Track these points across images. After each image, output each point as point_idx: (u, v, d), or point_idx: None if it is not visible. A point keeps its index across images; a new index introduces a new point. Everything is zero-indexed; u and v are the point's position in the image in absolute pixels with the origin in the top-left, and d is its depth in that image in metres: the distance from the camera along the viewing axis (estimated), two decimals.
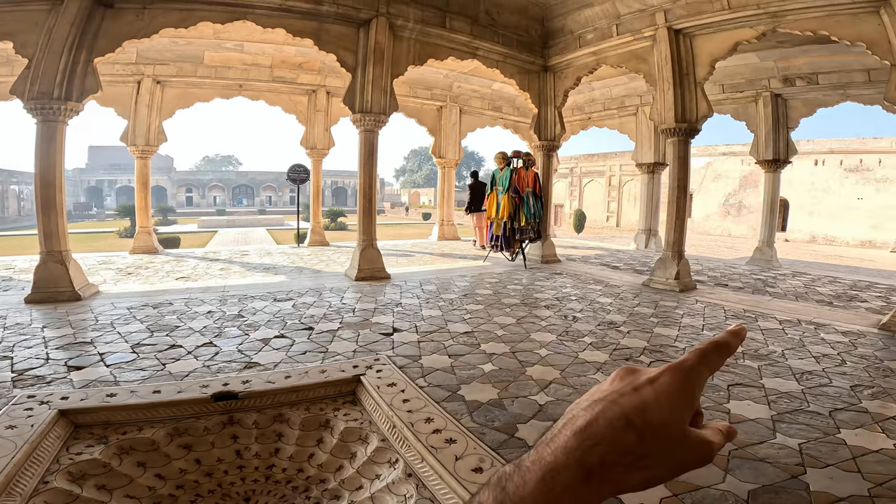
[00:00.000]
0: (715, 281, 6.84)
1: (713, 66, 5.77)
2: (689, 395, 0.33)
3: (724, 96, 8.84)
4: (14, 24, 4.72)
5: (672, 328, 4.23)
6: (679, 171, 6.05)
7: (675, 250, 6.06)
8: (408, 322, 4.18)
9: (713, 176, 24.68)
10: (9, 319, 4.05)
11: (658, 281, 6.09)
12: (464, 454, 2.01)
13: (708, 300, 5.44)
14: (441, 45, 6.48)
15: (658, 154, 10.52)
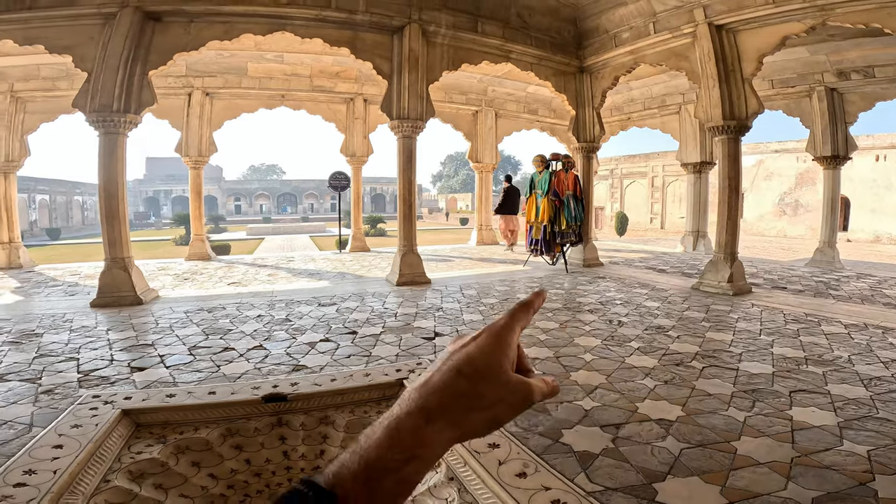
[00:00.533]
0: (772, 284, 6.49)
1: (761, 61, 5.53)
2: (505, 345, 0.39)
3: (773, 92, 8.43)
4: (71, 39, 5.03)
5: (726, 333, 4.04)
6: (729, 169, 5.79)
7: (728, 252, 5.79)
8: (449, 326, 4.19)
9: (765, 174, 23.44)
10: (75, 322, 4.35)
11: (709, 284, 5.83)
12: (507, 459, 1.99)
13: (765, 304, 5.16)
14: (474, 50, 6.50)
15: (704, 153, 10.11)
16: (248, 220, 43.53)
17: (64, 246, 23.67)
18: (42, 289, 6.27)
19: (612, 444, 2.15)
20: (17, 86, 7.95)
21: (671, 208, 25.66)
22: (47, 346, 3.59)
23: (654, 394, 2.74)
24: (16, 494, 1.67)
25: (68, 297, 5.68)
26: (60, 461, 1.90)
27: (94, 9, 4.98)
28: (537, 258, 8.01)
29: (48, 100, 8.23)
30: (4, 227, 8.45)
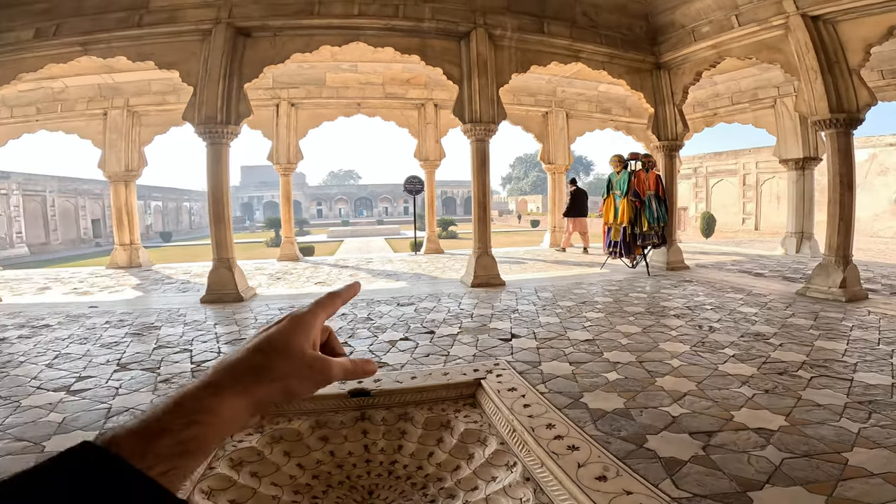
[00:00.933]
0: (891, 290, 5.74)
1: (868, 51, 5.00)
2: (305, 326, 0.44)
3: (884, 83, 7.63)
4: (176, 55, 5.59)
5: (839, 342, 3.64)
6: (840, 165, 5.21)
7: (840, 254, 5.21)
8: (525, 328, 4.16)
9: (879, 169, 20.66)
10: (188, 317, 4.86)
11: (818, 289, 5.28)
12: (587, 462, 1.95)
13: (883, 311, 4.58)
14: (542, 51, 6.45)
15: (808, 148, 9.17)
16: (328, 224, 45.99)
17: (174, 247, 26.51)
18: (159, 286, 7.09)
19: (702, 452, 2.05)
20: (133, 101, 9.00)
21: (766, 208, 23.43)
22: (164, 338, 4.05)
23: (752, 402, 2.55)
24: None
25: (181, 293, 6.37)
26: None
27: (192, 25, 5.50)
28: (616, 261, 7.70)
29: (160, 113, 9.25)
30: (126, 230, 9.66)
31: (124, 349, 3.75)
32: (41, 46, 5.51)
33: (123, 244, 9.64)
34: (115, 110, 9.01)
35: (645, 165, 7.03)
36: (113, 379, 3.05)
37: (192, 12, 5.48)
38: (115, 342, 3.96)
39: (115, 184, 9.41)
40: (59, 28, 5.46)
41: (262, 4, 5.56)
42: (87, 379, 3.06)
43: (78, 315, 5.07)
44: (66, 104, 8.98)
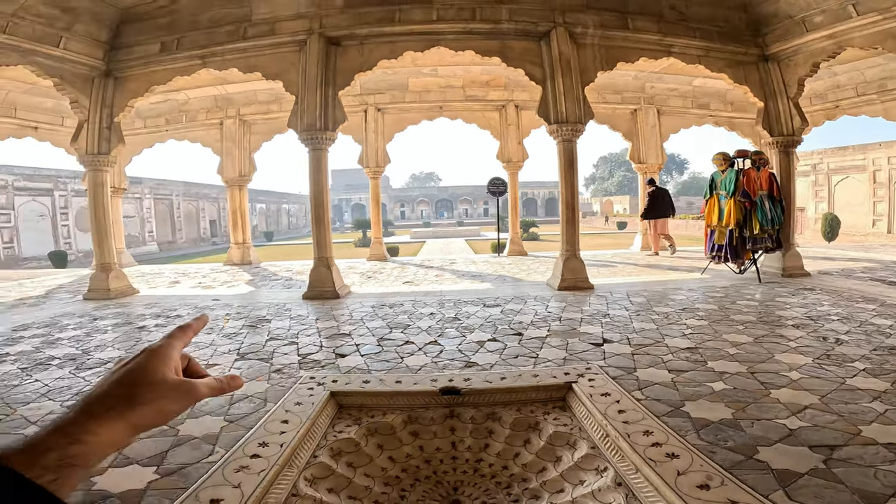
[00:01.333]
0: None
1: None
2: (163, 358, 0.49)
3: None
4: (279, 66, 6.04)
5: None
6: None
7: None
8: (618, 333, 4.01)
9: None
10: (293, 311, 5.29)
11: None
12: (687, 470, 1.86)
13: None
14: (628, 48, 6.21)
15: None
16: (410, 225, 47.47)
17: (276, 246, 28.92)
18: (267, 282, 7.80)
19: (822, 465, 1.90)
20: (243, 110, 9.95)
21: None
22: (275, 331, 4.44)
23: (884, 418, 2.29)
24: (251, 465, 1.96)
25: (286, 289, 6.96)
26: (286, 435, 2.22)
27: (289, 37, 5.92)
28: (719, 266, 7.12)
29: (265, 122, 10.15)
30: (240, 230, 10.74)
31: (242, 340, 4.17)
32: (166, 60, 6.22)
33: (237, 243, 10.73)
34: (229, 119, 10.04)
35: (755, 163, 6.42)
36: (234, 367, 3.41)
37: (289, 24, 5.92)
38: (234, 333, 4.43)
39: (231, 188, 10.50)
40: (180, 42, 6.13)
41: (349, 14, 5.88)
42: (213, 367, 3.44)
43: (203, 307, 5.74)
44: (189, 115, 10.17)
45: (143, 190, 28.28)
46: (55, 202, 23.12)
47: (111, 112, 6.39)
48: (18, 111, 8.75)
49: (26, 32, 5.41)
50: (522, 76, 6.27)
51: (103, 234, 6.58)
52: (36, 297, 7.07)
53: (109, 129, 6.40)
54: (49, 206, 22.90)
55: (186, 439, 2.26)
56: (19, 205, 21.51)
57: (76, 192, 23.24)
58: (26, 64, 5.61)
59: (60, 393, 2.94)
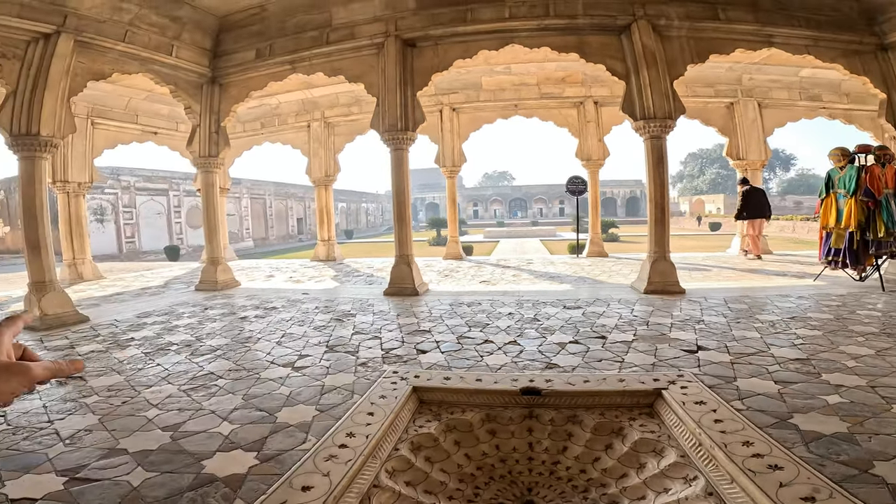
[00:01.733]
0: None
1: None
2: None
3: None
4: (360, 69, 6.26)
5: None
6: None
7: None
8: (714, 341, 3.72)
9: None
10: (375, 307, 5.50)
11: None
12: (792, 482, 1.74)
13: None
14: (721, 39, 5.80)
15: None
16: (484, 224, 47.44)
17: (356, 244, 30.31)
18: (350, 278, 8.19)
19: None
20: (327, 113, 10.51)
21: None
22: (360, 325, 4.65)
23: None
24: (339, 455, 2.05)
25: (368, 285, 7.26)
26: (371, 427, 2.30)
27: (367, 40, 6.12)
28: (835, 272, 6.37)
29: (347, 123, 10.65)
30: (325, 228, 11.38)
31: (330, 332, 4.42)
32: (260, 66, 6.67)
33: (323, 240, 11.40)
34: (315, 122, 10.68)
35: (879, 159, 5.67)
36: (324, 359, 3.61)
37: (366, 27, 6.13)
38: (323, 325, 4.71)
39: (318, 187, 11.16)
40: (272, 48, 6.54)
41: (422, 16, 5.97)
42: (306, 357, 3.67)
43: (295, 300, 6.16)
44: (280, 118, 10.96)
45: (242, 190, 30.96)
46: (170, 201, 26.06)
47: (218, 117, 7.03)
48: (140, 117, 9.89)
49: (143, 41, 5.98)
50: (601, 71, 6.06)
51: (214, 230, 7.28)
52: (156, 286, 8.00)
53: (217, 133, 7.06)
54: (165, 205, 25.86)
55: (283, 426, 2.43)
56: (140, 203, 24.50)
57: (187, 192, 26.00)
58: (145, 72, 6.23)
59: (178, 377, 3.28)
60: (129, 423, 2.52)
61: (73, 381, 3.21)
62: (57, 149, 5.41)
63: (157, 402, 2.81)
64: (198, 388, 3.06)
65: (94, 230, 21.65)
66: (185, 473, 1.98)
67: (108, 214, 22.87)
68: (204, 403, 2.77)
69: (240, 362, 3.59)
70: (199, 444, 2.26)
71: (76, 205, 8.89)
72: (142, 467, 2.04)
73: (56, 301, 5.08)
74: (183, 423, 2.49)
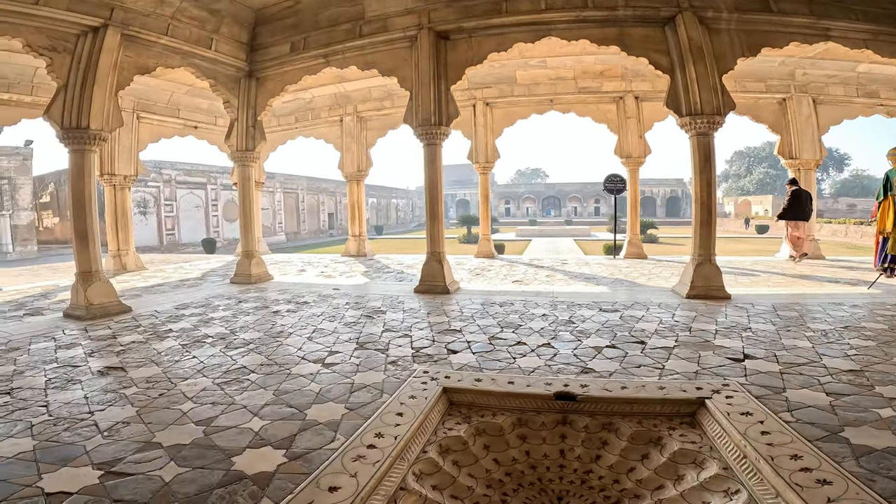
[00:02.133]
0: None
1: None
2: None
3: None
4: (393, 62, 6.19)
5: None
6: None
7: None
8: (762, 349, 3.52)
9: None
10: (405, 304, 5.46)
11: None
12: (840, 498, 1.69)
13: None
14: (773, 32, 5.49)
15: None
16: (516, 222, 46.97)
17: (386, 239, 30.58)
18: (381, 274, 8.20)
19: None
20: (359, 107, 10.52)
21: None
22: (390, 322, 4.62)
23: None
24: (367, 455, 2.02)
25: (398, 282, 7.25)
26: (400, 428, 2.26)
27: (400, 32, 6.05)
28: (891, 279, 5.95)
29: (379, 118, 10.63)
30: (356, 223, 11.46)
31: (361, 329, 4.40)
32: (295, 60, 6.70)
33: (354, 235, 11.48)
34: (348, 116, 10.72)
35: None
36: (354, 356, 3.58)
37: (398, 20, 6.07)
38: (354, 322, 4.70)
39: (350, 182, 11.23)
40: (306, 42, 6.56)
41: (455, 7, 5.86)
42: (336, 354, 3.66)
43: (326, 295, 6.20)
44: (314, 113, 11.06)
45: (275, 184, 31.67)
46: (207, 195, 26.91)
47: (255, 111, 7.13)
48: (181, 111, 10.16)
49: (184, 35, 6.09)
50: (642, 65, 5.88)
51: (249, 224, 7.41)
52: (193, 279, 8.23)
53: (254, 128, 7.17)
54: (203, 198, 26.73)
55: (312, 424, 2.41)
56: (180, 197, 25.40)
57: (224, 186, 26.79)
58: (186, 66, 6.35)
59: (212, 370, 3.31)
60: (164, 416, 2.55)
61: (114, 372, 3.28)
62: (105, 142, 5.55)
63: (192, 395, 2.84)
64: (231, 381, 3.08)
65: (137, 222, 22.60)
66: (215, 470, 1.98)
67: (150, 207, 23.80)
68: (236, 398, 2.79)
69: (271, 357, 3.61)
70: (230, 439, 2.26)
71: (122, 197, 9.23)
72: (174, 462, 2.05)
73: (101, 291, 5.25)
74: (216, 418, 2.51)
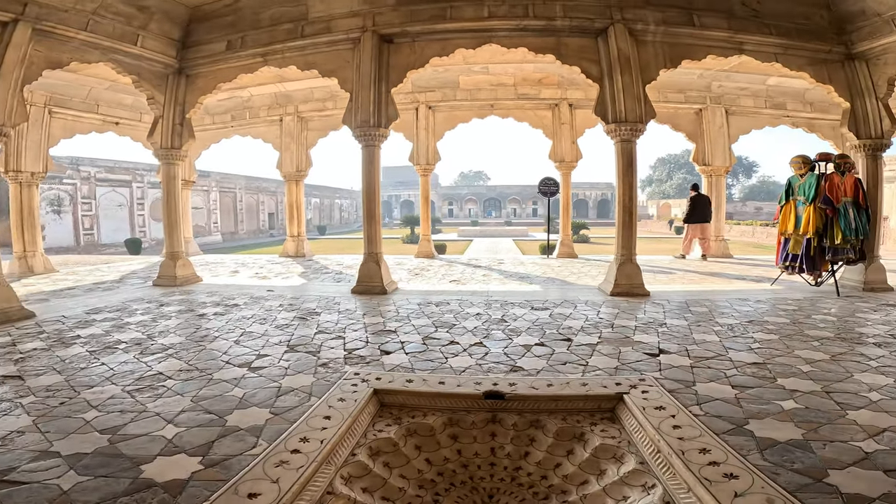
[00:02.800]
0: None
1: None
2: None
3: None
4: (334, 63, 6.14)
5: None
6: None
7: None
8: (676, 344, 3.78)
9: None
10: (342, 305, 5.38)
11: None
12: (746, 492, 1.74)
13: None
14: (694, 45, 5.91)
15: None
16: (458, 223, 47.51)
17: (328, 240, 29.87)
18: (318, 275, 8.01)
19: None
20: (301, 107, 10.30)
21: None
22: (323, 324, 4.53)
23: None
24: (291, 461, 1.97)
25: (336, 283, 7.12)
26: (327, 431, 2.22)
27: (343, 34, 6.00)
28: (792, 277, 6.60)
29: (321, 118, 10.45)
30: (295, 223, 11.15)
31: (293, 332, 4.28)
32: (231, 58, 6.47)
33: (293, 235, 11.16)
34: (288, 116, 10.44)
35: (840, 167, 5.89)
36: (283, 359, 3.48)
37: (343, 22, 6.02)
38: (286, 324, 4.56)
39: (289, 182, 10.93)
40: (244, 40, 6.36)
41: (401, 12, 5.90)
42: (264, 357, 3.53)
43: (259, 297, 5.97)
44: (252, 111, 10.68)
45: (211, 183, 30.05)
46: (133, 193, 25.06)
47: (183, 109, 6.77)
48: (101, 107, 9.45)
49: (106, 30, 5.75)
50: (577, 74, 6.09)
51: (174, 224, 7.01)
52: (110, 281, 7.64)
53: (181, 125, 6.79)
54: (127, 196, 24.86)
55: (233, 430, 2.32)
56: (100, 195, 23.49)
57: (151, 184, 25.06)
58: (107, 62, 5.98)
59: (123, 378, 3.09)
60: (64, 424, 2.36)
61: (10, 381, 2.99)
62: (8, 138, 5.21)
63: (97, 404, 2.64)
64: (144, 388, 2.89)
65: (51, 221, 20.68)
66: (120, 478, 1.86)
67: (66, 205, 21.85)
68: (149, 405, 2.62)
69: (192, 362, 3.43)
70: (138, 447, 2.13)
71: (29, 195, 8.42)
72: (74, 471, 1.91)
73: (0, 296, 4.77)
74: (123, 426, 2.35)
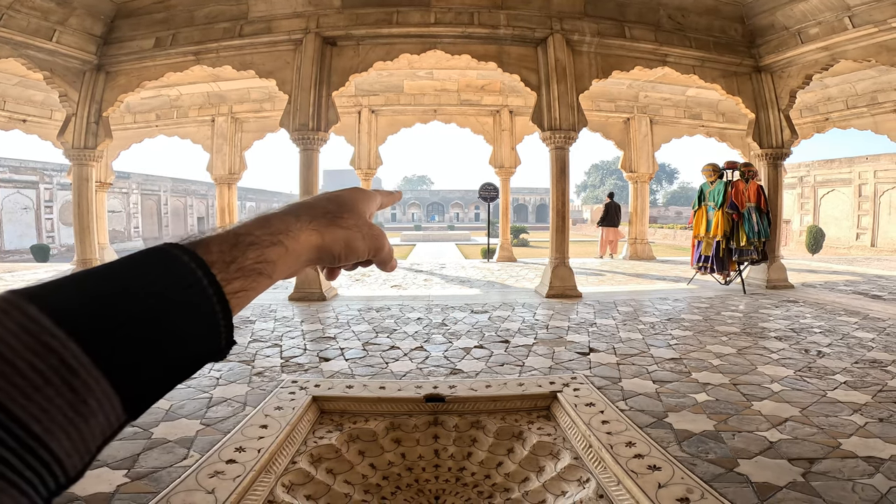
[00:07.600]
0: None
1: None
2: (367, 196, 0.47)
3: None
4: (273, 64, 5.99)
5: None
6: None
7: None
8: (604, 343, 4.02)
9: None
10: (278, 313, 5.22)
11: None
12: (668, 482, 1.86)
13: None
14: (624, 56, 6.27)
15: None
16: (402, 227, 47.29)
17: None
18: None
19: (801, 479, 1.92)
20: (235, 108, 9.83)
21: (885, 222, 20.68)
22: (258, 332, 4.38)
23: (864, 431, 2.34)
24: (227, 470, 1.93)
25: (272, 289, 6.86)
26: (264, 441, 2.19)
27: (285, 35, 5.88)
28: (705, 277, 7.19)
29: (258, 120, 10.04)
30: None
31: None
32: (158, 55, 6.14)
33: None
34: (221, 117, 9.92)
35: (744, 175, 6.51)
36: (214, 369, 3.33)
37: (285, 23, 5.88)
38: None
39: (220, 185, 10.38)
40: (175, 38, 6.06)
41: (346, 14, 5.85)
42: None
43: None
44: (180, 111, 10.03)
45: (131, 185, 27.89)
46: (40, 195, 22.70)
47: (100, 107, 6.31)
48: (8, 103, 8.59)
49: (20, 25, 5.35)
50: (518, 82, 6.28)
51: (86, 229, 6.48)
52: None
53: (97, 124, 6.32)
54: (34, 198, 22.48)
55: (160, 442, 2.21)
56: (3, 197, 21.11)
57: (62, 185, 22.84)
58: (17, 57, 5.55)
59: None
60: None
61: None
62: None
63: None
64: None
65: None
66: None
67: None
68: None
69: None
70: None
71: None
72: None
73: None
74: None
